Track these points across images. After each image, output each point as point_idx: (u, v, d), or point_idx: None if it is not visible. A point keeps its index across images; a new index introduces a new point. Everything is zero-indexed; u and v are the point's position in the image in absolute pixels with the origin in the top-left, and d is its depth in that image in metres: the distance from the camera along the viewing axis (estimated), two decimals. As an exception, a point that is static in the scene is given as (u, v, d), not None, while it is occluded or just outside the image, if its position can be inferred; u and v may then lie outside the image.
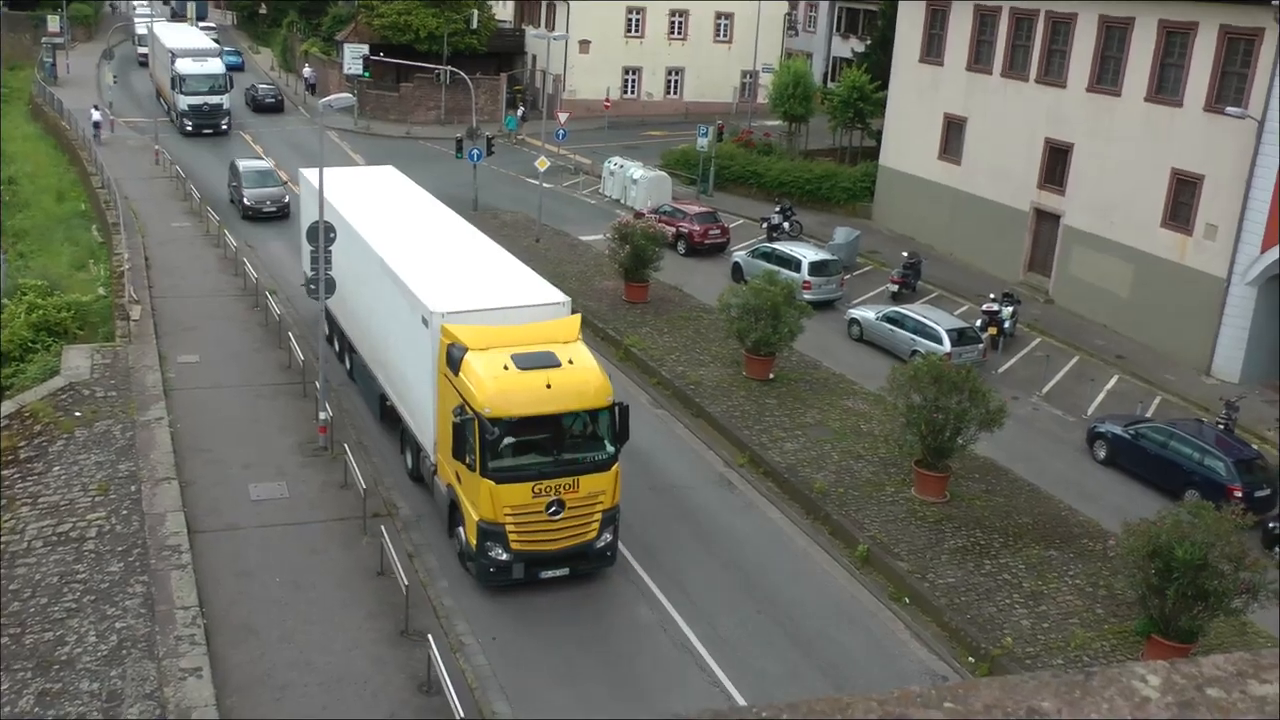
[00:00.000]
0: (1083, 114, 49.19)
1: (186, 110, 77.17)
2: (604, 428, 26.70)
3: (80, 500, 28.57)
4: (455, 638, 24.37)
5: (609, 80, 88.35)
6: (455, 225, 37.09)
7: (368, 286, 33.99)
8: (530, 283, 30.98)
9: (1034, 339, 46.29)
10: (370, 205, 38.21)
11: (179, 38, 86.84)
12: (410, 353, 29.80)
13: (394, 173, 44.17)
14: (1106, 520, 30.16)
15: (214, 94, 77.82)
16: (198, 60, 78.12)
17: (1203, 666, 2.14)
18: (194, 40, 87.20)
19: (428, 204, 39.87)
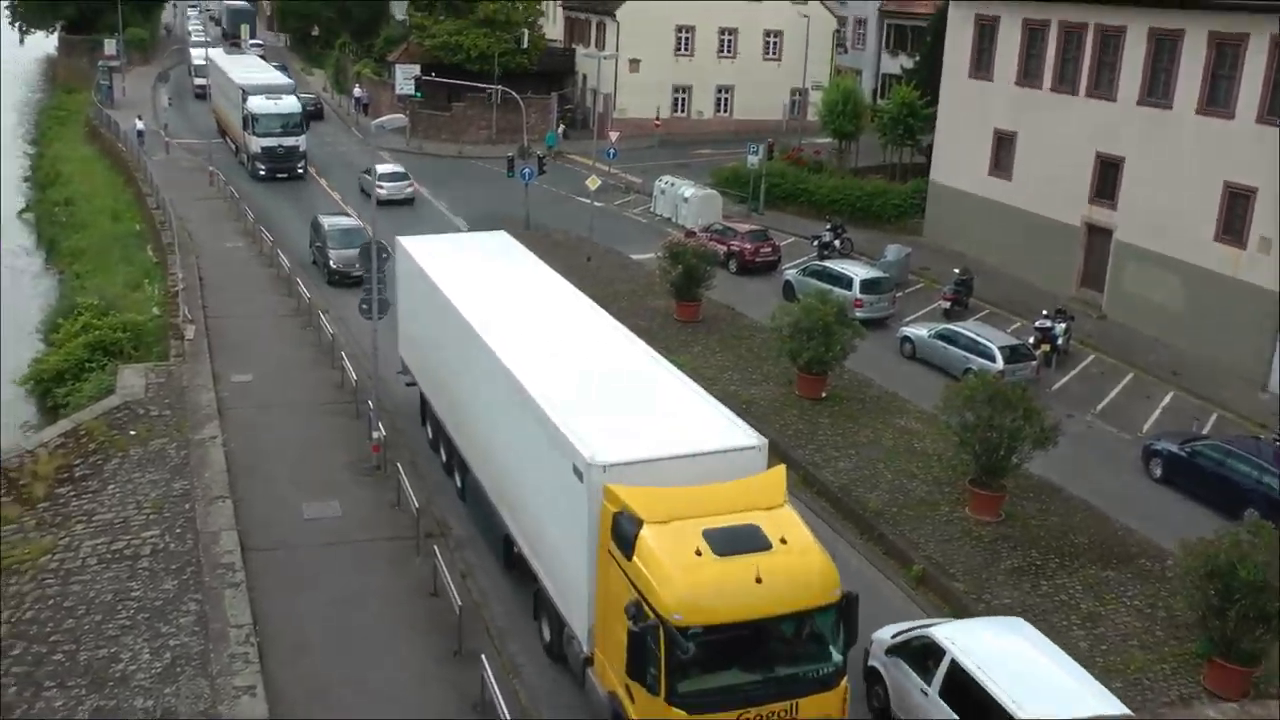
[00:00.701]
0: (1133, 127, 48.79)
1: (259, 153, 71.17)
2: (829, 630, 20.24)
3: (135, 518, 28.78)
4: (509, 658, 24.33)
5: (659, 99, 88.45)
6: (592, 318, 29.66)
7: (486, 394, 27.45)
8: (709, 414, 23.74)
9: (1087, 355, 45.89)
10: (482, 284, 31.40)
11: (247, 72, 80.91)
12: (552, 506, 23.19)
13: (508, 241, 36.91)
14: (1164, 540, 29.77)
15: (289, 134, 71.72)
16: (271, 98, 72.24)
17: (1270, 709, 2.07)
18: (264, 75, 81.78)
19: (554, 286, 32.30)
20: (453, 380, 30.27)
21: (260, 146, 70.87)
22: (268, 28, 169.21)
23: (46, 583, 25.93)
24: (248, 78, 76.15)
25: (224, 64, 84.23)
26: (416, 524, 28.44)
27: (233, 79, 77.01)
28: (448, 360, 30.40)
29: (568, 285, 32.21)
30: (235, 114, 75.44)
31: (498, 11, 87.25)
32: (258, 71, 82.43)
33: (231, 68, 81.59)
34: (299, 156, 72.15)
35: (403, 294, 35.59)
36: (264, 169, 70.99)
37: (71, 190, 70.59)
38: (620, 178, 73.32)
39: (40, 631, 24.11)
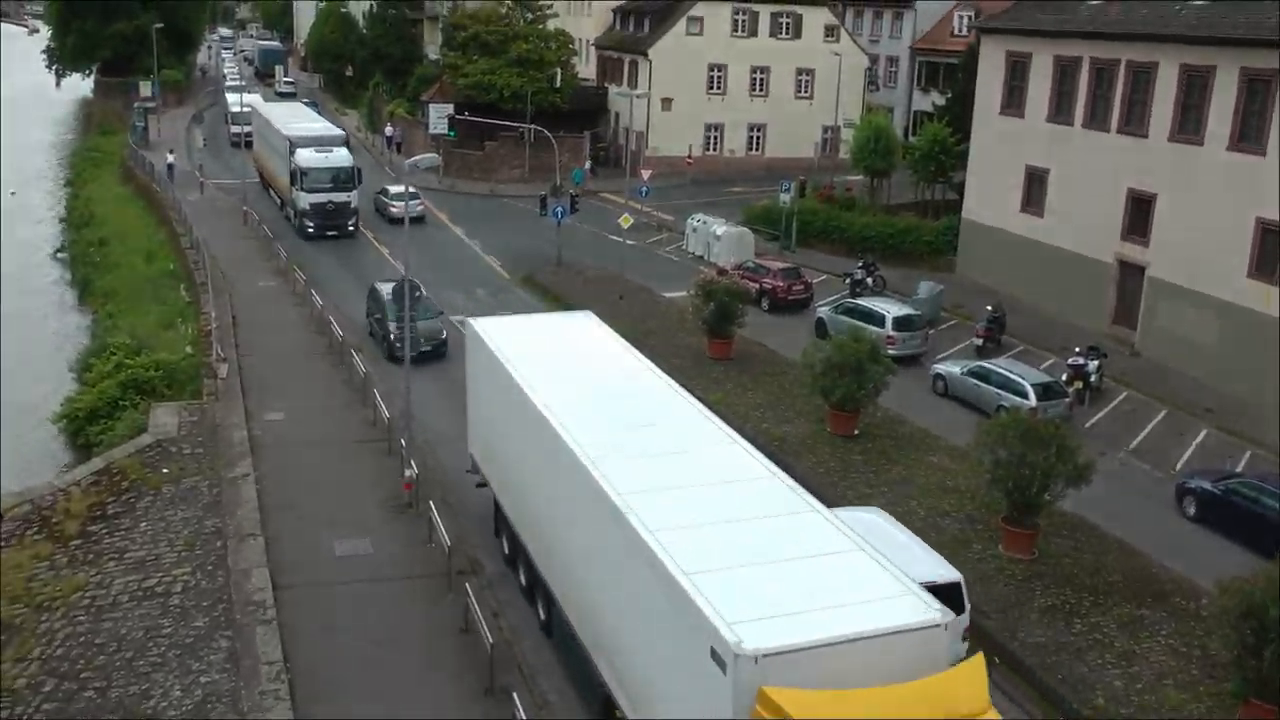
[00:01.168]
0: (1165, 164, 48.66)
1: (308, 210, 65.85)
2: None
3: (166, 555, 28.91)
4: (540, 695, 24.26)
5: (691, 137, 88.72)
6: (705, 429, 24.65)
7: (582, 524, 22.70)
8: (872, 570, 18.61)
9: (1120, 393, 45.64)
10: (570, 381, 26.68)
11: (294, 121, 74.56)
12: (674, 687, 18.45)
13: (594, 324, 31.60)
14: (1199, 578, 29.50)
15: (340, 190, 66.46)
16: (321, 151, 66.74)
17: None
18: (313, 125, 75.00)
19: (655, 384, 27.06)
20: (538, 497, 25.72)
21: (309, 203, 65.73)
22: (301, 68, 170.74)
23: (78, 619, 26.05)
24: (295, 128, 70.64)
25: (269, 113, 78.61)
26: (448, 561, 28.44)
27: (279, 129, 71.30)
28: (531, 472, 25.96)
29: (667, 382, 27.21)
30: (281, 166, 70.67)
31: (531, 51, 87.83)
32: (305, 121, 76.35)
33: (277, 117, 75.75)
34: (350, 213, 67.01)
35: (473, 382, 31.37)
36: (312, 227, 65.83)
37: (106, 230, 71.19)
38: (652, 216, 73.46)
39: (71, 668, 24.21)
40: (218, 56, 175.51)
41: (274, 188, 75.65)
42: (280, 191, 72.94)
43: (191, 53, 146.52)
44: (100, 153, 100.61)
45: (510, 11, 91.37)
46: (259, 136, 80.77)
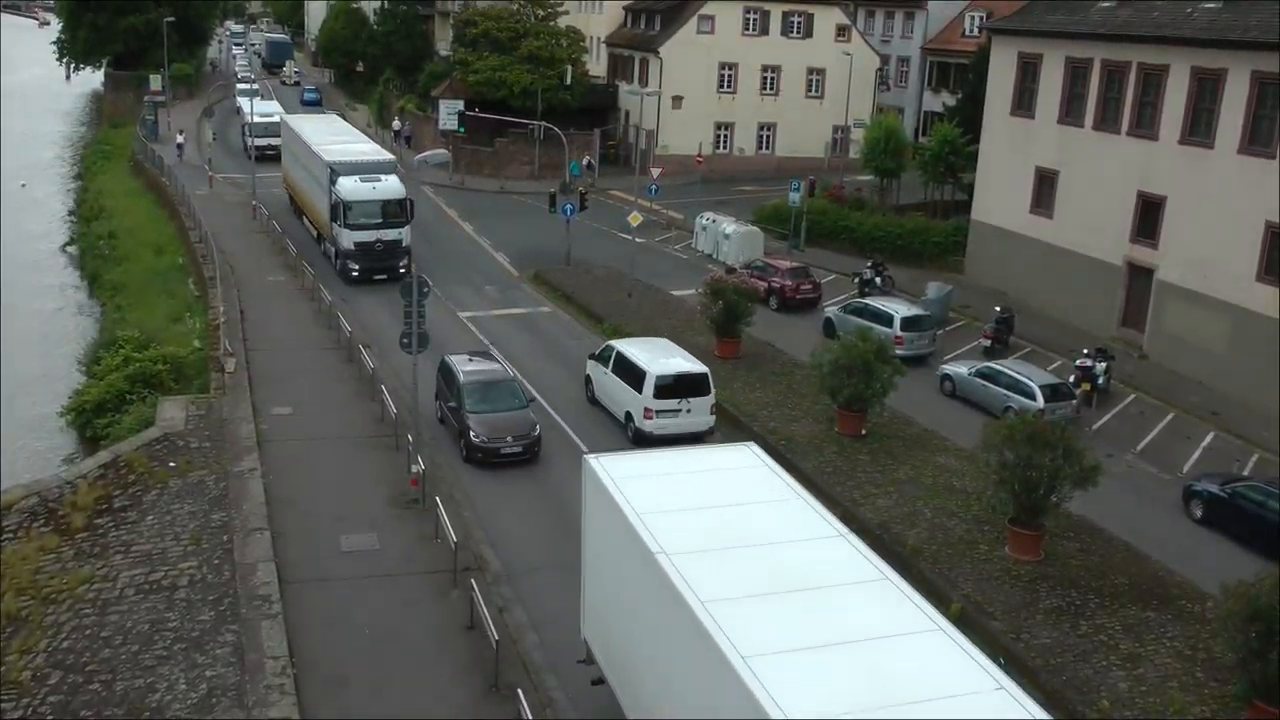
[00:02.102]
0: (1175, 167, 48.58)
1: (352, 250, 56.02)
2: None
3: (172, 549, 28.94)
4: (545, 693, 24.27)
5: (701, 135, 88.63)
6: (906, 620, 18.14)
7: None
8: None
9: (1128, 395, 45.58)
10: (729, 556, 18.84)
11: (332, 141, 63.42)
12: None
13: (756, 462, 23.49)
14: (1204, 581, 29.47)
15: (390, 225, 56.37)
16: (367, 180, 56.53)
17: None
18: (355, 146, 63.88)
19: (839, 555, 19.83)
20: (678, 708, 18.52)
21: (353, 242, 55.69)
22: (312, 64, 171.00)
23: (84, 613, 26.08)
24: (335, 151, 59.79)
25: (301, 128, 67.69)
26: (454, 558, 28.47)
27: (316, 152, 60.74)
28: (669, 677, 18.78)
29: (855, 551, 20.09)
30: (316, 193, 61.04)
31: (541, 48, 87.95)
32: (346, 141, 65.03)
33: (312, 134, 65.00)
34: (401, 253, 56.80)
35: (592, 546, 22.86)
36: (357, 270, 56.09)
37: (115, 224, 71.39)
38: (661, 214, 73.49)
39: (77, 661, 24.24)
40: (228, 52, 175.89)
41: (308, 217, 65.38)
42: (316, 224, 62.53)
43: (202, 47, 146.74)
44: (110, 146, 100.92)
45: (521, 9, 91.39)
46: (289, 155, 71.36)
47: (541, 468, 36.10)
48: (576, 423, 39.62)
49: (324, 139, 63.33)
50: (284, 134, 73.76)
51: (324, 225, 59.85)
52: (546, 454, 36.58)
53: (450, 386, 37.78)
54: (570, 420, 39.82)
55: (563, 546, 29.29)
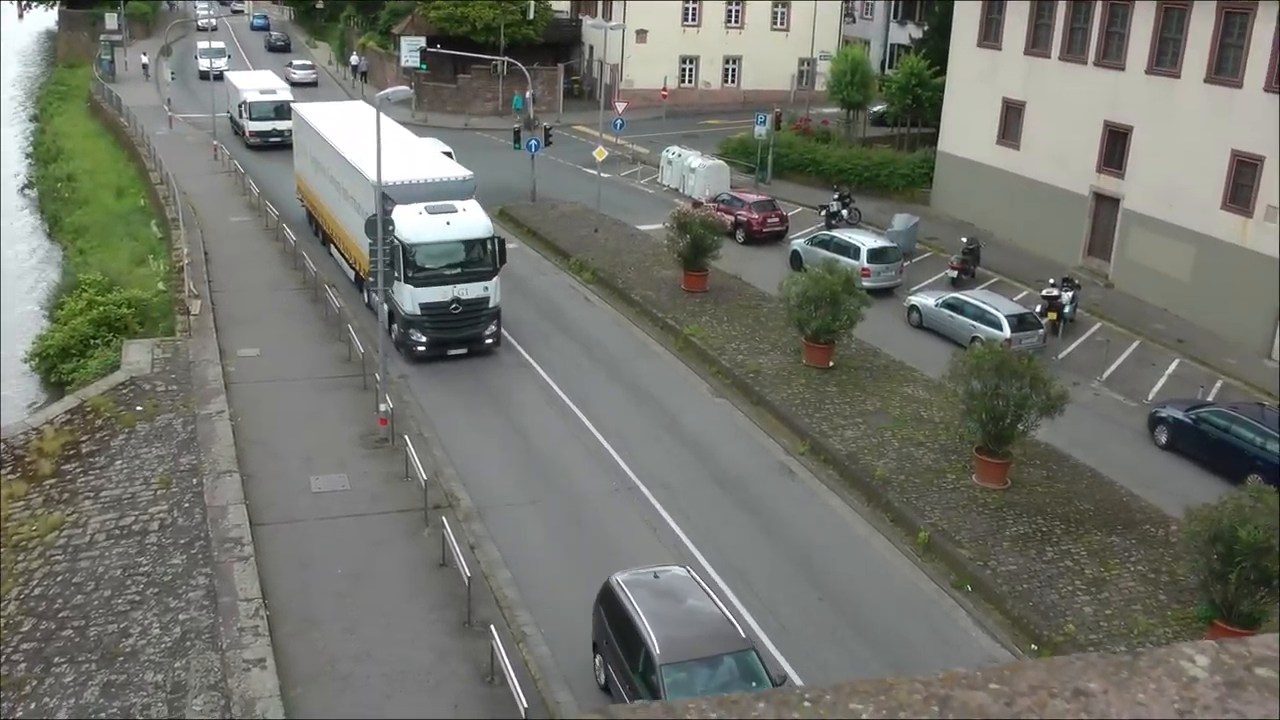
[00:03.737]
0: (1142, 96, 48.61)
1: (417, 316, 38.53)
2: None
3: (142, 494, 28.90)
4: (518, 628, 24.42)
5: (666, 70, 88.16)
6: None
7: None
8: None
9: (1094, 324, 45.84)
10: None
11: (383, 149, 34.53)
12: None
13: None
14: (1169, 506, 29.81)
15: (472, 277, 39.12)
16: (438, 212, 39.07)
17: (1251, 646, 2.11)
18: (412, 154, 45.07)
19: None
20: None
21: (420, 304, 38.35)
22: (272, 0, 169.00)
23: (55, 559, 26.06)
24: (389, 166, 35.67)
25: (328, 128, 48.62)
26: (424, 496, 28.54)
27: (353, 165, 42.49)
28: None
29: None
30: (356, 224, 41.24)
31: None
32: (395, 146, 42.47)
33: (343, 137, 46.05)
34: (488, 317, 39.43)
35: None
36: (424, 343, 38.63)
37: (74, 166, 70.66)
38: (627, 149, 73.19)
39: (49, 608, 24.25)
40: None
41: (337, 246, 48.04)
42: (355, 262, 44.35)
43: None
44: (66, 87, 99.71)
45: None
46: (307, 157, 52.48)
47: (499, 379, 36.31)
48: (542, 359, 39.62)
49: (361, 144, 41.51)
50: (297, 125, 55.32)
51: (356, 257, 43.25)
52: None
53: (628, 639, 21.98)
54: (536, 356, 39.83)
55: (536, 482, 29.58)
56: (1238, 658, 2.06)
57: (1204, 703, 1.97)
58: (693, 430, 34.81)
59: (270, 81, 75.82)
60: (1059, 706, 1.94)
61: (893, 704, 1.94)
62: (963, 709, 1.93)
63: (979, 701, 1.93)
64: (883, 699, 1.95)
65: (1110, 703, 1.97)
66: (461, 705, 21.87)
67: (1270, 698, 1.97)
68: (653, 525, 29.12)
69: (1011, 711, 1.92)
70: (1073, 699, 1.96)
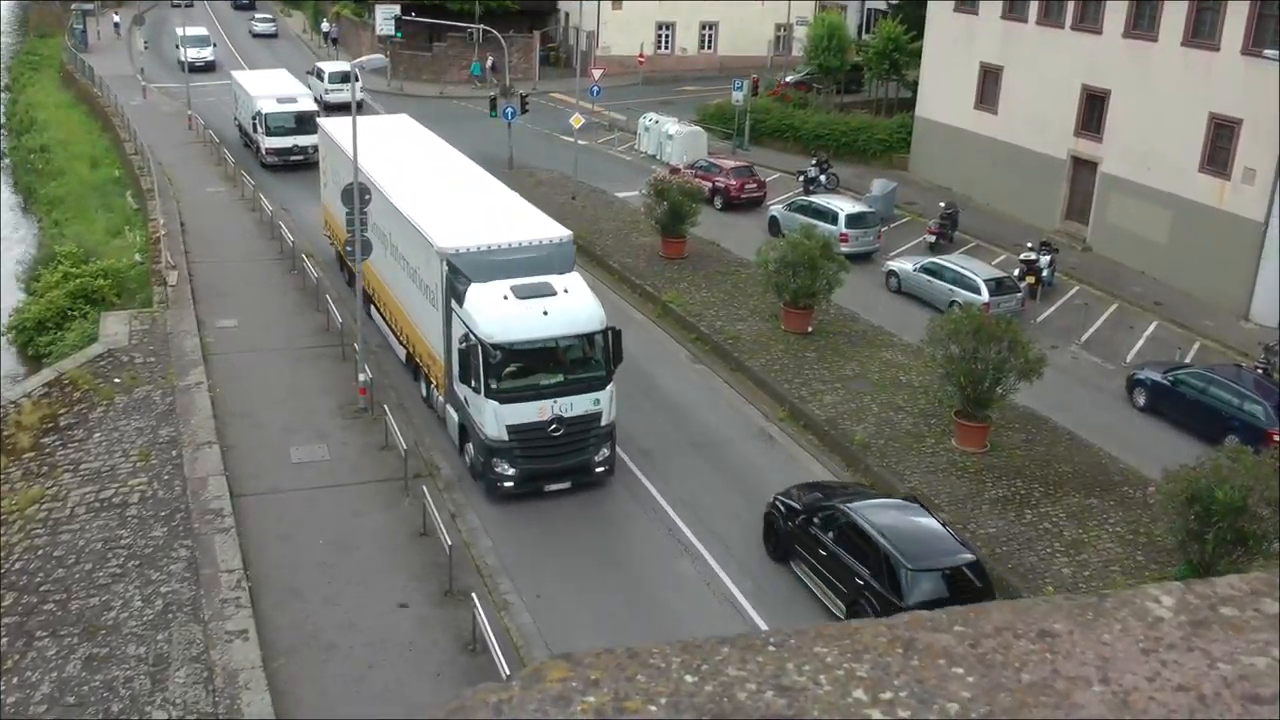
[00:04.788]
0: (1119, 60, 48.61)
1: (504, 444, 28.17)
2: None
3: (122, 466, 28.83)
4: (499, 597, 24.48)
5: (642, 36, 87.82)
6: None
7: None
8: None
9: (1072, 287, 45.94)
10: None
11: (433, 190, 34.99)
12: None
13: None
14: (1147, 467, 29.96)
15: (579, 386, 28.83)
16: (527, 293, 28.37)
17: (1216, 586, 2.12)
18: (483, 196, 35.27)
19: None
20: None
21: (509, 425, 28.04)
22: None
23: (35, 533, 26.02)
24: (451, 225, 31.00)
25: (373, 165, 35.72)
26: (404, 465, 28.53)
27: (413, 223, 32.04)
28: None
29: None
30: (415, 300, 32.85)
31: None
32: (468, 191, 35.60)
33: (394, 176, 36.13)
34: (600, 438, 29.06)
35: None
36: (512, 476, 28.32)
37: (47, 137, 70.09)
38: (604, 116, 72.98)
39: (30, 582, 24.22)
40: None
41: (382, 312, 37.24)
42: (416, 352, 33.75)
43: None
44: (38, 56, 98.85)
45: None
46: (337, 189, 38.46)
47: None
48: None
49: (420, 186, 34.74)
50: (326, 146, 43.28)
51: (432, 361, 31.73)
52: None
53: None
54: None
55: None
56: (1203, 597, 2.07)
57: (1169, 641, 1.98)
58: (672, 396, 34.85)
59: (288, 85, 62.61)
60: (1024, 647, 1.95)
61: (857, 647, 1.95)
62: (928, 651, 1.94)
63: (944, 643, 1.94)
64: (847, 642, 1.95)
65: (1075, 643, 1.98)
66: (444, 674, 21.92)
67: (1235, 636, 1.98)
68: (632, 491, 29.16)
69: (976, 652, 1.93)
70: (1038, 640, 1.97)
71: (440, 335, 30.12)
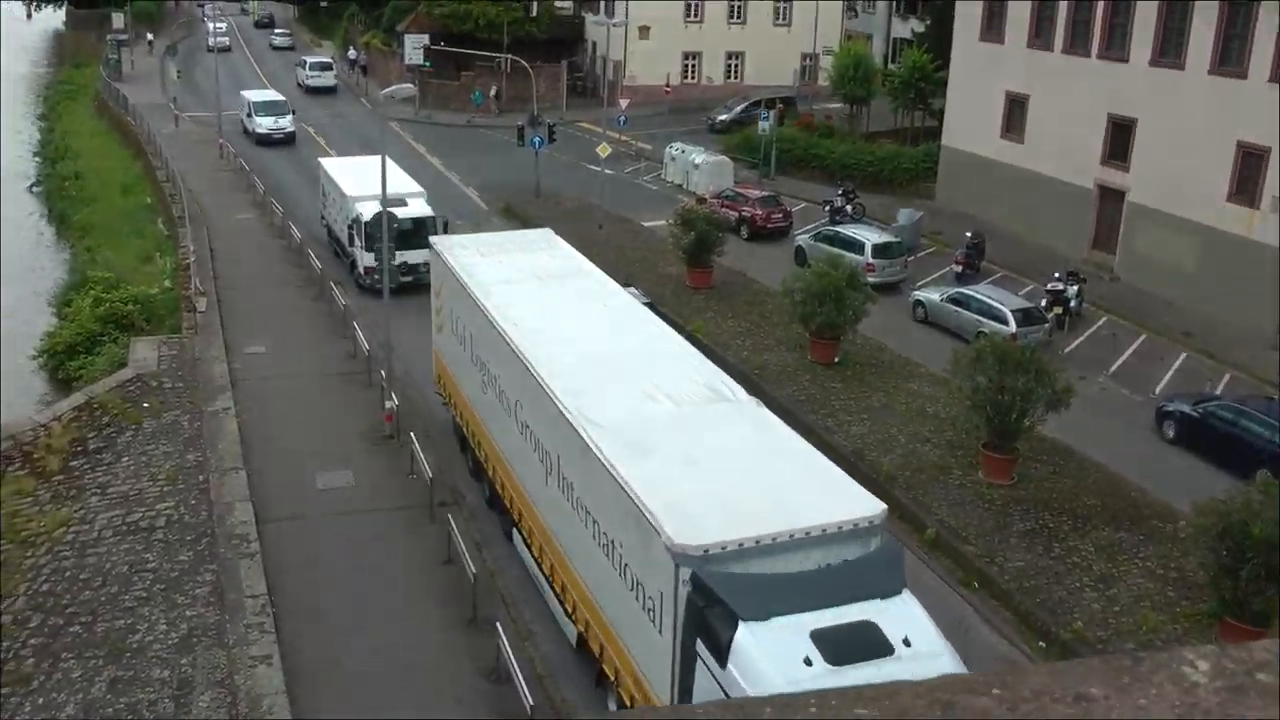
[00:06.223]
0: (1146, 89, 48.55)
1: None
2: None
3: (149, 490, 28.94)
4: (524, 625, 24.44)
5: (669, 65, 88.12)
6: None
7: None
8: None
9: (1100, 317, 45.79)
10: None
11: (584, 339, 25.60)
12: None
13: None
14: (1177, 501, 29.75)
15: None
16: (856, 665, 16.43)
17: (1254, 651, 2.12)
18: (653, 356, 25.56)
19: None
20: None
21: None
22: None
23: (63, 555, 26.12)
24: (668, 476, 19.43)
25: (508, 313, 26.84)
26: (429, 493, 28.56)
27: (611, 466, 19.67)
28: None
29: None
30: (599, 574, 20.98)
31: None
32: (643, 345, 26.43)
33: (544, 353, 24.49)
34: None
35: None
36: None
37: (81, 164, 70.81)
38: (631, 145, 73.19)
39: (57, 604, 24.31)
40: None
41: (532, 550, 25.40)
42: (620, 672, 20.42)
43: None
44: (74, 86, 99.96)
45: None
46: (456, 334, 30.73)
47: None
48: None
49: (589, 378, 23.35)
50: (441, 271, 32.03)
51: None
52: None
53: None
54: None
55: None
56: (1239, 663, 2.07)
57: (1205, 708, 1.98)
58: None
59: (398, 180, 45.20)
60: (1061, 711, 1.96)
61: (897, 709, 1.96)
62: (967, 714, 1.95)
63: (982, 705, 1.95)
64: (887, 704, 1.96)
65: (1112, 707, 1.98)
66: (466, 702, 21.90)
67: (1271, 703, 1.98)
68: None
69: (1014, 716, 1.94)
70: (1074, 704, 1.97)
71: (661, 671, 18.33)
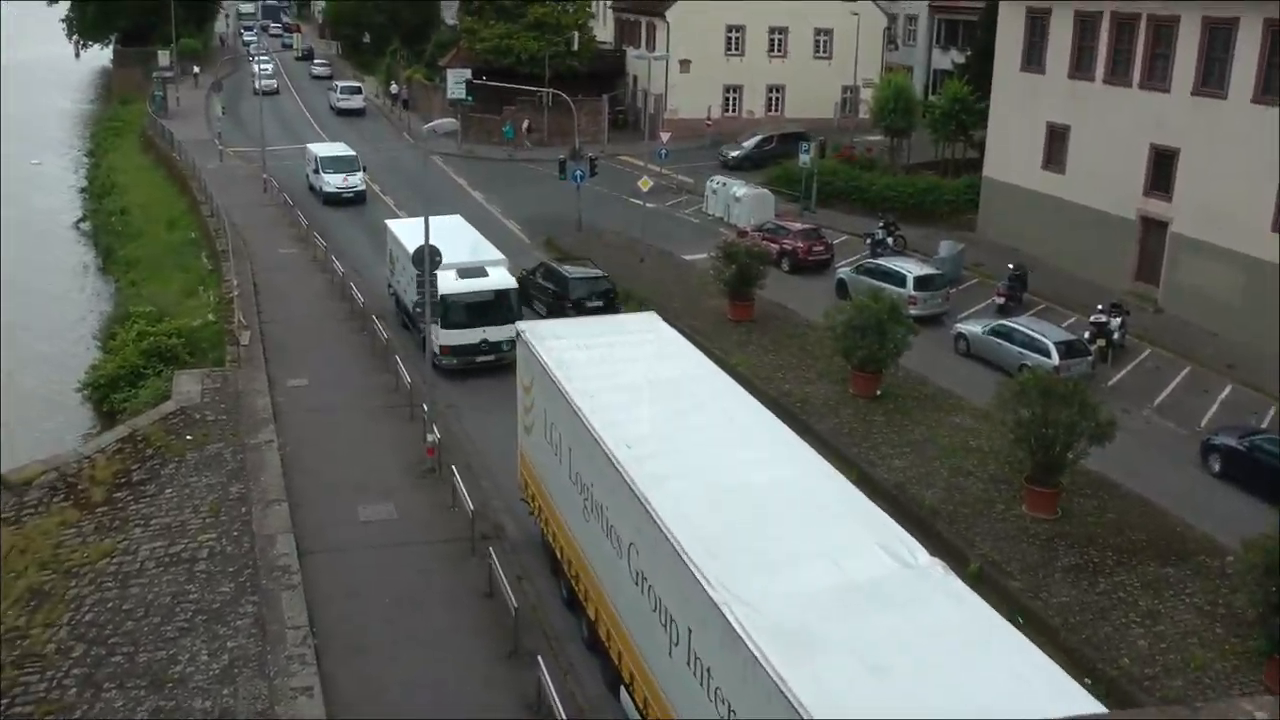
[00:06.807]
0: (1188, 118, 48.26)
1: None
2: None
3: (191, 522, 29.05)
4: (565, 659, 24.35)
5: (710, 98, 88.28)
6: None
7: None
8: None
9: (1144, 350, 45.41)
10: None
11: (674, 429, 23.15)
12: None
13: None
14: (1224, 535, 29.40)
15: None
16: None
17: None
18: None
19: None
20: None
21: None
22: (319, 35, 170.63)
23: (105, 586, 26.22)
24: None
25: (606, 420, 22.82)
26: (471, 526, 28.53)
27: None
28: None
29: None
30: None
31: (548, 14, 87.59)
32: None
33: (663, 488, 20.15)
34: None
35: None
36: None
37: (127, 200, 71.54)
38: (672, 178, 73.26)
39: (100, 634, 24.38)
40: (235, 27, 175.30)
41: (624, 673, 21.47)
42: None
43: (209, 21, 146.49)
44: (120, 122, 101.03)
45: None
46: (548, 436, 25.96)
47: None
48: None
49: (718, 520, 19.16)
50: (526, 361, 27.62)
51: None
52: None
53: None
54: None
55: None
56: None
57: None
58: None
59: (469, 242, 43.33)
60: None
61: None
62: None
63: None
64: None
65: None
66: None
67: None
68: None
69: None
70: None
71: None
